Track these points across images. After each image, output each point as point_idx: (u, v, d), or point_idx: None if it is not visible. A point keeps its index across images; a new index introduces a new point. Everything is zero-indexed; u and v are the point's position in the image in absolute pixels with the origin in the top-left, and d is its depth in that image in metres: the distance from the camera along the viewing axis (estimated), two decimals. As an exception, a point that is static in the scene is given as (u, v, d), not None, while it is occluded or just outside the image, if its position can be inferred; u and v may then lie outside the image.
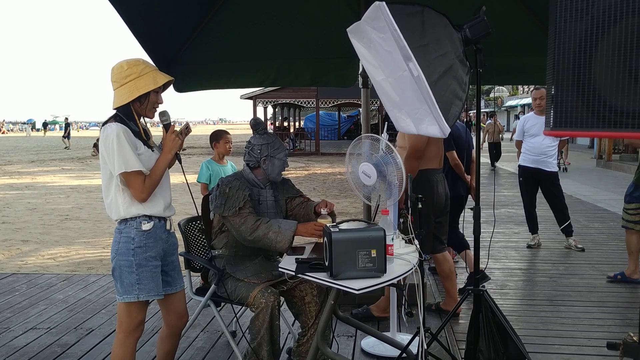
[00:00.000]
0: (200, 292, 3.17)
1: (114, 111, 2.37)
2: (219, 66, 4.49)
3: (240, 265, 2.91)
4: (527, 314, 4.11)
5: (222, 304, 3.23)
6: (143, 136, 2.39)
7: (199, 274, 3.30)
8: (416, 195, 2.90)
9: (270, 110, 29.12)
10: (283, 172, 2.98)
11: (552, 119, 1.61)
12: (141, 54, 4.22)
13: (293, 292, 2.94)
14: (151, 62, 2.50)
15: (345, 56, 4.24)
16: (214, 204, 2.82)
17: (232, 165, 4.69)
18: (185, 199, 9.85)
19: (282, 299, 2.92)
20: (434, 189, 3.67)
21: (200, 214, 3.10)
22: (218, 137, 4.60)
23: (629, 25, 1.46)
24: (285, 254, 2.70)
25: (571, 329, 3.75)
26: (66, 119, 34.40)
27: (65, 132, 31.98)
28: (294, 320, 3.10)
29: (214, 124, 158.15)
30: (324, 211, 2.90)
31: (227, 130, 4.76)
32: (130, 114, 2.36)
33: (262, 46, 4.36)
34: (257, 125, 2.94)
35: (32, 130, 62.00)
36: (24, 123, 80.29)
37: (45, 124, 59.43)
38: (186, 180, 3.03)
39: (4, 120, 32.46)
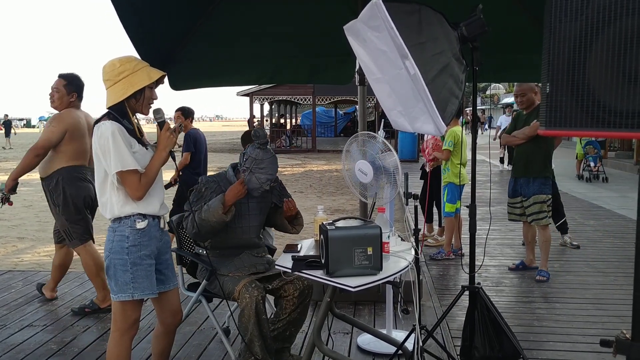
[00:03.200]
0: (192, 287, 3.22)
1: (106, 109, 2.35)
2: (216, 64, 4.48)
3: (224, 261, 2.96)
4: (522, 310, 4.13)
5: (214, 299, 3.26)
6: (137, 134, 2.39)
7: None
8: (413, 193, 2.90)
9: (266, 107, 29.08)
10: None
11: (546, 118, 1.62)
12: (136, 52, 4.20)
13: (277, 292, 2.98)
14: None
15: (342, 53, 4.22)
16: (190, 200, 2.88)
17: None
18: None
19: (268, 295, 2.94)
20: (75, 184, 3.89)
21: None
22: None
23: (624, 25, 1.47)
24: (283, 253, 2.72)
25: (566, 326, 3.78)
26: (6, 115, 31.32)
27: (5, 131, 28.72)
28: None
29: (210, 120, 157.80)
30: (320, 208, 2.92)
31: None
32: (124, 112, 2.35)
33: (259, 43, 4.35)
34: (256, 137, 2.86)
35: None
36: (21, 119, 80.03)
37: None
38: (179, 178, 3.02)
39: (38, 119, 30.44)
